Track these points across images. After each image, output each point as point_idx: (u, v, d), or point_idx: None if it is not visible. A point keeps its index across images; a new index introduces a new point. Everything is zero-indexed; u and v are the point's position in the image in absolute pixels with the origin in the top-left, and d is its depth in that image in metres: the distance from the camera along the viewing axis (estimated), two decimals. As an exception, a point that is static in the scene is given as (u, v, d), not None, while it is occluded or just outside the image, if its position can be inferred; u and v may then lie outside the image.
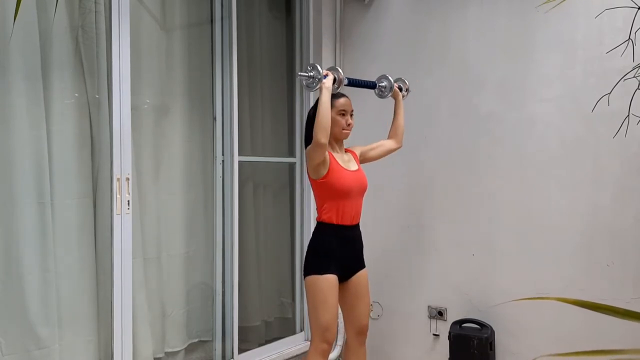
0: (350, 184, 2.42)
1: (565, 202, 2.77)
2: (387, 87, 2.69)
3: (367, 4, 3.47)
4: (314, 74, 2.35)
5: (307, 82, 2.36)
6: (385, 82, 2.70)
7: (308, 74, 2.35)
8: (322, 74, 2.32)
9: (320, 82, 2.31)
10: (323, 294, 2.35)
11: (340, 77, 2.36)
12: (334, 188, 2.39)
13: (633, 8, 2.04)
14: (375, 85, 2.68)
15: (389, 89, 2.69)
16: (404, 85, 2.79)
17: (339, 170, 2.41)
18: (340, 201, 2.41)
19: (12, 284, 2.11)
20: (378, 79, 2.71)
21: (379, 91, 2.72)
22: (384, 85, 2.69)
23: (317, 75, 2.33)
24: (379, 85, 2.69)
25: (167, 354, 2.72)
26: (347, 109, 2.48)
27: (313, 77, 2.35)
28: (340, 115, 2.46)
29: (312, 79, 2.35)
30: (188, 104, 2.83)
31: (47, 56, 2.22)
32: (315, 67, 2.34)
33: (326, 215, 2.42)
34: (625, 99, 2.21)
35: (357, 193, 2.48)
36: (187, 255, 2.83)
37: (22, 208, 2.14)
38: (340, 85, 2.38)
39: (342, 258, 2.43)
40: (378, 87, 2.69)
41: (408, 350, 3.30)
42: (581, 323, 2.67)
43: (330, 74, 2.35)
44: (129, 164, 2.42)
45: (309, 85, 2.37)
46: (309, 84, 2.36)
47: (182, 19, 2.83)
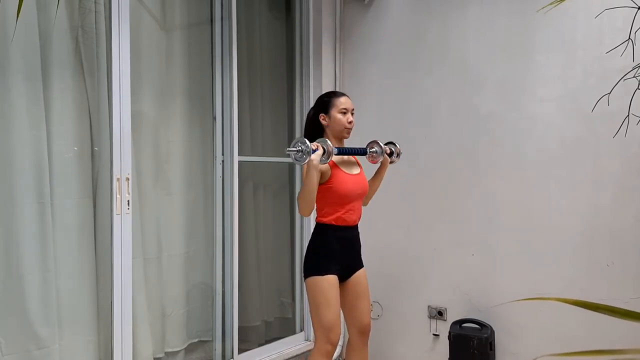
0: (352, 188, 2.42)
1: (565, 202, 2.77)
2: (377, 152, 2.60)
3: (367, 4, 3.47)
4: (302, 148, 2.27)
5: (296, 157, 2.28)
6: (376, 147, 2.60)
7: (296, 149, 2.28)
8: (311, 148, 2.24)
9: (309, 157, 2.24)
10: (325, 295, 2.35)
11: (329, 149, 2.29)
12: (336, 194, 2.39)
13: (633, 8, 2.04)
14: (366, 152, 2.59)
15: (379, 154, 2.61)
16: (395, 150, 2.68)
17: (340, 176, 2.41)
18: (342, 205, 2.41)
19: (12, 284, 2.11)
20: (369, 145, 2.62)
21: (370, 157, 2.63)
22: (375, 151, 2.61)
23: (306, 149, 2.25)
24: (369, 151, 2.60)
25: (167, 354, 2.72)
26: (348, 107, 2.48)
27: (302, 152, 2.27)
28: (341, 114, 2.45)
29: (301, 153, 2.27)
30: (188, 104, 2.83)
31: (47, 56, 2.22)
32: (303, 142, 2.27)
33: (326, 218, 2.42)
34: (625, 99, 2.21)
35: (358, 196, 2.48)
36: (187, 255, 2.83)
37: (22, 208, 2.14)
38: (330, 157, 2.31)
39: (342, 258, 2.43)
40: (369, 153, 2.60)
41: (408, 350, 3.30)
42: (581, 323, 2.67)
43: (320, 147, 2.29)
44: (129, 164, 2.42)
45: (297, 159, 2.28)
46: (298, 158, 2.28)
47: (182, 19, 2.83)
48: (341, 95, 2.50)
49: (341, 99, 2.48)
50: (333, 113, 2.45)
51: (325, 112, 2.47)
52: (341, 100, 2.48)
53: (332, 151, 2.32)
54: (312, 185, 2.27)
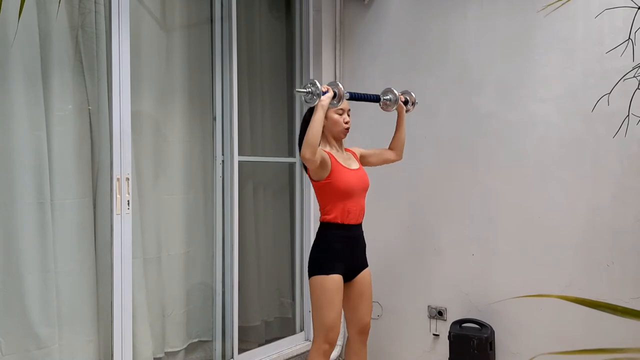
0: (353, 182, 2.41)
1: (565, 202, 2.77)
2: (392, 100, 2.55)
3: (367, 4, 3.47)
4: (312, 89, 2.25)
5: (306, 98, 2.26)
6: (390, 95, 2.56)
7: (306, 90, 2.25)
8: (321, 90, 2.23)
9: (319, 98, 2.23)
10: (329, 295, 2.35)
11: (340, 92, 2.26)
12: (337, 188, 2.38)
13: (633, 8, 2.04)
14: (379, 98, 2.55)
15: (394, 102, 2.56)
16: (410, 98, 2.64)
17: (341, 170, 2.40)
18: (344, 201, 2.40)
19: (12, 284, 2.11)
20: (383, 92, 2.58)
21: (384, 104, 2.59)
22: (389, 98, 2.56)
23: (316, 91, 2.24)
24: (383, 98, 2.56)
25: (167, 354, 2.72)
26: (345, 108, 2.47)
27: (312, 93, 2.25)
28: (338, 115, 2.45)
29: (311, 94, 2.25)
30: (188, 104, 2.83)
31: (47, 56, 2.22)
32: (313, 83, 2.25)
33: (330, 216, 2.41)
34: (625, 99, 2.21)
35: (360, 191, 2.46)
36: (187, 255, 2.83)
37: (22, 208, 2.14)
38: (341, 100, 2.28)
39: (347, 258, 2.43)
40: (382, 100, 2.56)
41: (408, 350, 3.30)
42: (581, 323, 2.67)
43: (330, 90, 2.27)
44: (129, 164, 2.42)
45: (307, 101, 2.27)
46: (308, 99, 2.26)
47: (182, 19, 2.83)
48: None
49: None
50: (329, 114, 2.43)
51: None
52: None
53: (343, 94, 2.29)
54: (318, 126, 2.23)
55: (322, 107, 2.24)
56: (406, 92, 2.67)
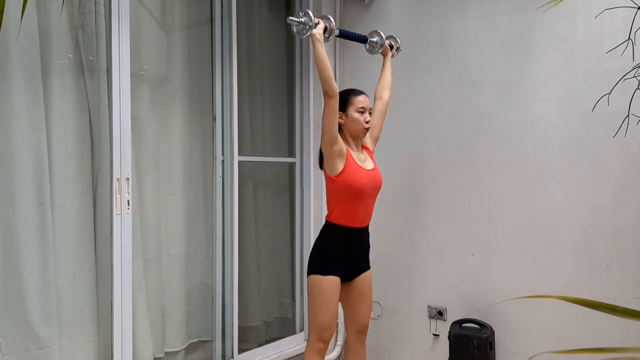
0: (365, 182, 2.38)
1: (565, 202, 2.77)
2: (378, 42, 2.57)
3: (367, 4, 3.47)
4: (305, 20, 2.23)
5: (298, 29, 2.24)
6: (377, 37, 2.58)
7: (299, 20, 2.23)
8: (314, 22, 2.22)
9: (311, 30, 2.21)
10: (324, 295, 2.35)
11: (331, 26, 2.26)
12: (349, 186, 2.34)
13: (633, 8, 2.04)
14: (367, 39, 2.56)
15: (379, 45, 2.57)
16: (395, 44, 2.67)
17: (355, 167, 2.37)
18: (353, 202, 2.37)
19: (12, 284, 2.11)
20: (370, 34, 2.59)
21: (370, 46, 2.60)
22: (375, 41, 2.58)
23: (309, 22, 2.22)
24: (370, 40, 2.57)
25: (167, 354, 2.72)
26: (366, 106, 2.43)
27: (304, 24, 2.23)
28: (358, 113, 2.41)
29: (303, 25, 2.23)
30: (188, 104, 2.83)
31: (47, 56, 2.22)
32: (307, 14, 2.24)
33: (335, 216, 2.39)
34: (625, 99, 2.21)
35: (371, 193, 2.43)
36: (187, 255, 2.83)
37: (22, 208, 2.14)
38: (331, 34, 2.28)
39: (348, 260, 2.42)
40: (369, 42, 2.57)
41: (408, 350, 3.30)
42: (581, 323, 2.67)
43: (322, 22, 2.27)
44: (129, 164, 2.41)
45: (299, 32, 2.25)
46: (300, 30, 2.24)
47: (182, 19, 2.83)
48: (360, 94, 2.45)
49: (360, 97, 2.43)
50: (350, 112, 2.41)
51: (342, 110, 2.40)
52: (360, 98, 2.43)
53: (334, 29, 2.29)
54: (324, 58, 2.21)
55: (317, 41, 2.23)
56: (391, 37, 2.68)
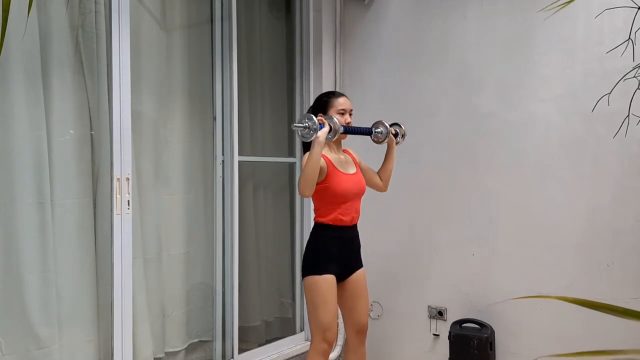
0: (348, 187, 2.41)
1: (565, 202, 2.77)
2: (382, 132, 2.59)
3: (367, 4, 3.47)
4: (309, 124, 2.28)
5: (303, 133, 2.29)
6: (381, 127, 2.59)
7: (303, 125, 2.28)
8: (318, 124, 2.25)
9: (316, 133, 2.24)
10: (323, 295, 2.35)
11: (335, 127, 2.30)
12: (332, 193, 2.38)
13: (633, 8, 2.04)
14: (372, 131, 2.59)
15: (385, 135, 2.59)
16: (400, 131, 2.68)
17: (336, 175, 2.39)
18: (338, 204, 2.40)
19: (12, 284, 2.11)
20: (374, 125, 2.61)
21: (375, 137, 2.61)
22: (380, 131, 2.59)
23: (313, 126, 2.26)
24: (374, 131, 2.59)
25: (167, 354, 2.72)
26: (347, 107, 2.47)
27: (309, 128, 2.28)
28: (339, 115, 2.44)
29: (308, 129, 2.28)
30: (188, 104, 2.83)
31: (47, 56, 2.22)
32: (310, 117, 2.28)
33: (324, 217, 2.41)
34: (625, 99, 2.21)
35: (355, 195, 2.46)
36: (187, 255, 2.83)
37: (22, 208, 2.14)
38: (336, 135, 2.31)
39: (340, 258, 2.43)
40: (374, 134, 2.59)
41: (408, 350, 3.30)
42: (581, 323, 2.67)
43: (327, 124, 2.30)
44: (129, 164, 2.42)
45: (304, 136, 2.30)
46: (305, 134, 2.29)
47: (182, 19, 2.83)
48: (340, 96, 2.49)
49: (339, 100, 2.47)
50: (331, 114, 2.44)
51: (323, 113, 2.45)
52: (339, 100, 2.47)
53: (338, 129, 2.32)
54: (315, 162, 2.23)
55: (319, 144, 2.24)
56: (396, 124, 2.68)
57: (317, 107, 2.49)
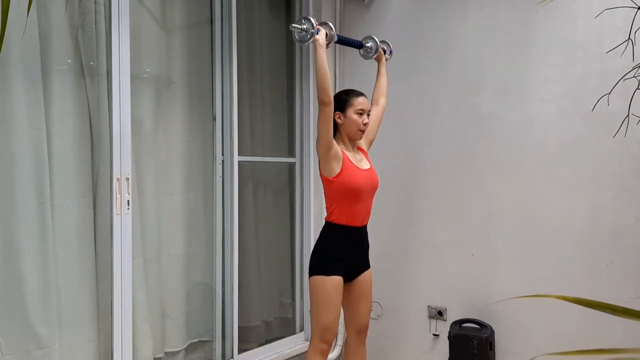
0: (362, 182, 2.40)
1: (565, 202, 2.77)
2: (372, 48, 2.71)
3: (367, 4, 3.47)
4: (307, 27, 2.31)
5: (300, 36, 2.32)
6: (371, 42, 2.71)
7: (301, 27, 2.32)
8: (316, 28, 2.30)
9: (313, 37, 2.29)
10: (328, 296, 2.35)
11: (331, 33, 2.37)
12: (346, 187, 2.36)
13: (633, 8, 2.04)
14: (362, 45, 2.70)
15: (374, 50, 2.71)
16: (388, 48, 2.81)
17: (351, 168, 2.39)
18: (351, 202, 2.39)
19: (12, 284, 2.11)
20: (364, 39, 2.73)
21: (364, 52, 2.73)
22: (370, 46, 2.71)
23: (310, 29, 2.30)
24: (364, 45, 2.71)
25: (167, 354, 2.72)
26: (365, 108, 2.45)
27: (306, 30, 2.31)
28: (357, 115, 2.42)
29: (305, 32, 2.31)
30: (188, 104, 2.83)
31: (47, 56, 2.22)
32: (308, 20, 2.31)
33: (336, 216, 2.40)
34: (625, 99, 2.21)
35: (369, 193, 2.45)
36: (187, 255, 2.83)
37: (22, 208, 2.14)
38: (331, 41, 2.39)
39: (349, 259, 2.42)
40: (364, 48, 2.71)
41: (408, 350, 3.30)
42: (581, 323, 2.67)
43: (322, 29, 2.33)
44: (129, 164, 2.41)
45: (301, 39, 2.33)
46: (302, 37, 2.32)
47: (182, 19, 2.83)
48: (359, 95, 2.47)
49: (359, 99, 2.45)
50: (349, 113, 2.42)
51: (341, 111, 2.43)
52: (359, 100, 2.44)
53: (334, 35, 2.40)
54: (325, 64, 2.26)
55: (320, 46, 2.28)
56: (384, 42, 2.80)
57: (335, 104, 2.42)
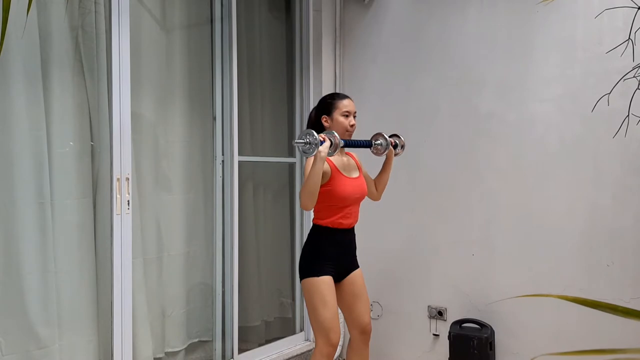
0: (349, 191, 2.40)
1: (565, 202, 2.77)
2: (382, 144, 2.59)
3: (367, 4, 3.47)
4: (310, 140, 2.27)
5: (304, 149, 2.28)
6: (381, 139, 2.60)
7: (304, 140, 2.28)
8: (319, 139, 2.25)
9: (317, 148, 2.24)
10: (321, 295, 2.35)
11: (336, 141, 2.29)
12: (334, 197, 2.38)
13: (633, 8, 2.04)
14: (371, 144, 2.59)
15: (384, 147, 2.60)
16: (400, 142, 2.68)
17: (339, 178, 2.39)
18: (338, 207, 2.40)
19: (12, 284, 2.11)
20: (374, 137, 2.61)
21: (375, 149, 2.62)
22: (380, 143, 2.60)
23: (314, 141, 2.26)
24: (374, 143, 2.60)
25: (167, 354, 2.72)
26: (351, 110, 2.46)
27: (309, 143, 2.27)
28: (343, 117, 2.44)
29: (309, 145, 2.28)
30: (188, 104, 2.83)
31: (47, 56, 2.22)
32: (311, 133, 2.27)
33: (323, 220, 2.41)
34: (625, 99, 2.21)
35: (356, 199, 2.46)
36: (187, 255, 2.83)
37: (22, 208, 2.14)
38: (337, 149, 2.31)
39: (337, 260, 2.43)
40: (374, 146, 2.60)
41: (408, 350, 3.30)
42: (581, 323, 2.67)
43: (327, 140, 2.29)
44: (129, 164, 2.42)
45: (305, 152, 2.29)
46: (306, 150, 2.28)
47: (182, 19, 2.83)
48: (344, 98, 2.48)
49: (344, 102, 2.46)
50: (335, 115, 2.44)
51: (327, 114, 2.45)
52: (344, 102, 2.46)
53: (339, 143, 2.31)
54: (317, 177, 2.23)
55: (321, 159, 2.23)
56: (395, 135, 2.68)
57: (321, 108, 2.49)
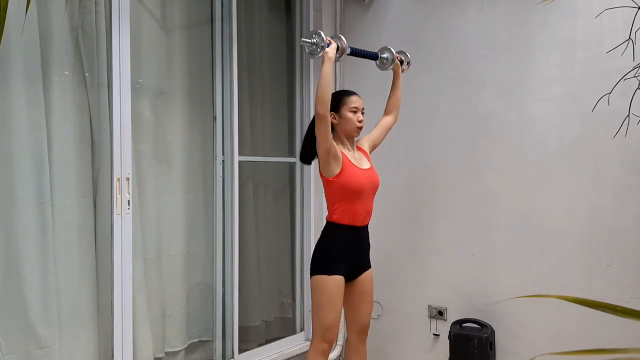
0: (362, 182, 2.40)
1: (565, 202, 2.77)
2: (388, 59, 2.60)
3: (367, 4, 3.47)
4: (317, 40, 2.26)
5: (310, 49, 2.27)
6: (387, 53, 2.61)
7: (311, 41, 2.27)
8: (326, 41, 2.24)
9: (323, 50, 2.24)
10: (329, 295, 2.35)
11: (343, 45, 2.29)
12: (346, 187, 2.36)
13: (633, 8, 2.04)
14: (377, 56, 2.59)
15: (390, 61, 2.61)
16: (406, 58, 2.70)
17: (351, 168, 2.39)
18: (352, 201, 2.39)
19: (12, 284, 2.11)
20: (380, 50, 2.62)
21: (380, 63, 2.63)
22: (386, 57, 2.61)
23: (321, 43, 2.25)
24: (380, 56, 2.60)
25: (168, 353, 2.72)
26: (359, 106, 2.46)
27: (316, 44, 2.26)
28: (352, 113, 2.44)
29: (315, 46, 2.27)
30: (188, 104, 2.83)
31: (47, 56, 2.22)
32: (318, 34, 2.26)
33: (337, 216, 2.40)
34: (625, 99, 2.21)
35: (369, 192, 2.46)
36: (187, 255, 2.83)
37: (22, 208, 2.14)
38: (343, 54, 2.30)
39: (351, 259, 2.43)
40: (379, 59, 2.60)
41: (408, 350, 3.30)
42: (581, 323, 2.67)
43: (334, 42, 2.29)
44: (129, 164, 2.42)
45: (312, 52, 2.28)
46: (312, 50, 2.27)
47: (182, 19, 2.83)
48: (352, 94, 2.49)
49: (352, 98, 2.47)
50: (343, 112, 2.44)
51: (335, 111, 2.45)
52: (352, 98, 2.46)
53: (345, 48, 2.33)
54: (328, 79, 2.23)
55: (329, 59, 2.24)
56: (401, 52, 2.69)
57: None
